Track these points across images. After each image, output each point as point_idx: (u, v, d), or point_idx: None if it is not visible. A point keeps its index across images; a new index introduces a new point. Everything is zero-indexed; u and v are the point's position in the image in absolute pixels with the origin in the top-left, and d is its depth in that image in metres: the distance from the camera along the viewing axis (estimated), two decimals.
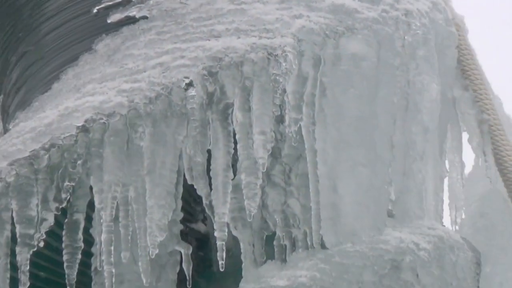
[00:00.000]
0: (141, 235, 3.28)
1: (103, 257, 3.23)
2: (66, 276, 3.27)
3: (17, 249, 3.11)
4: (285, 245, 3.47)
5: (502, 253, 3.69)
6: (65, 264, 3.29)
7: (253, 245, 3.43)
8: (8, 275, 3.20)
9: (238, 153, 3.28)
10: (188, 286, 3.43)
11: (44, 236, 3.20)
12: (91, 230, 3.41)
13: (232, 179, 3.33)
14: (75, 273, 3.23)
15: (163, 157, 3.17)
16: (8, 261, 3.16)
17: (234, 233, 3.52)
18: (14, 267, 3.24)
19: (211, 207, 3.34)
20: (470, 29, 4.50)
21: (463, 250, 3.60)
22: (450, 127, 3.78)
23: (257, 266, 3.40)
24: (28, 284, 3.17)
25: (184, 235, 3.53)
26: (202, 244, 3.67)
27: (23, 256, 3.06)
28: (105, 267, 3.19)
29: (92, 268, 3.52)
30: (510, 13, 15.64)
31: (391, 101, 3.58)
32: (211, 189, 3.34)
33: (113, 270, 3.22)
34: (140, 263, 3.25)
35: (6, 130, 3.81)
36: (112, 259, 3.18)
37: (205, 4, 3.62)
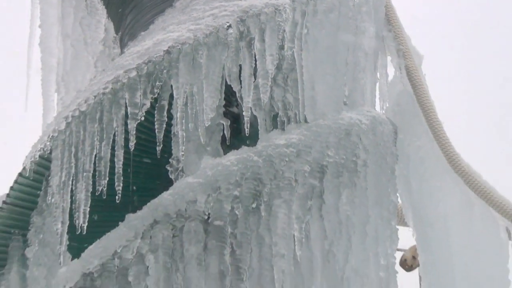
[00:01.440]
0: (200, 113, 4.30)
1: (177, 126, 4.35)
2: (156, 136, 4.30)
3: (128, 121, 4.26)
4: (284, 120, 4.43)
5: (410, 126, 4.75)
6: (156, 129, 4.33)
7: (265, 120, 4.39)
8: (123, 137, 4.27)
9: (257, 66, 4.36)
10: (227, 144, 4.44)
11: (143, 114, 4.30)
12: (171, 111, 4.37)
13: (254, 82, 4.38)
14: (162, 135, 4.29)
15: (213, 68, 4.35)
16: (123, 129, 4.31)
17: (254, 113, 4.38)
18: (127, 132, 4.28)
19: (241, 98, 4.38)
20: None
21: (387, 124, 4.51)
22: (380, 52, 4.84)
23: (267, 133, 4.35)
24: (135, 141, 4.27)
25: (225, 114, 4.48)
26: (235, 120, 4.58)
27: (132, 126, 4.25)
28: (179, 132, 4.31)
29: (172, 132, 4.39)
30: None
31: (347, 37, 4.70)
32: (241, 87, 4.38)
33: (184, 134, 4.31)
34: (199, 130, 4.29)
35: (122, 52, 4.85)
36: (183, 127, 4.29)
37: None
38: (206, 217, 4.02)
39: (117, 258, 3.93)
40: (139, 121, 4.30)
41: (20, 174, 4.43)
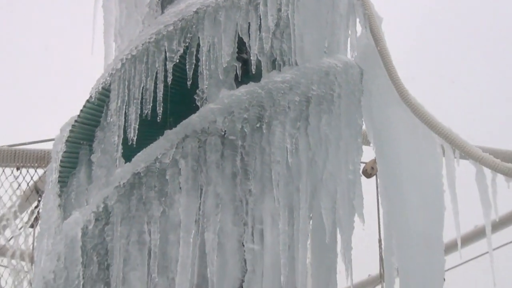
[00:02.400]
0: (219, 57, 4.36)
1: (203, 67, 4.39)
2: (187, 74, 4.38)
3: (167, 62, 4.36)
4: (280, 64, 4.46)
5: (372, 69, 4.71)
6: (187, 69, 4.42)
7: (267, 63, 4.44)
8: (163, 74, 4.35)
9: (261, 23, 4.41)
10: (239, 80, 4.44)
11: (178, 57, 4.38)
12: (198, 55, 4.36)
13: (258, 35, 4.42)
14: (191, 73, 4.39)
15: (229, 25, 4.38)
16: (163, 68, 4.37)
17: (259, 58, 4.42)
18: (166, 71, 4.37)
19: (249, 47, 4.43)
20: None
21: (356, 67, 4.53)
22: (351, 15, 4.84)
23: (268, 73, 4.39)
24: (171, 77, 4.35)
25: (237, 58, 4.47)
26: (245, 63, 4.51)
27: (169, 66, 4.34)
28: (204, 71, 4.38)
29: (198, 71, 4.41)
30: None
31: (327, 3, 4.75)
32: (249, 39, 4.43)
33: (207, 72, 4.39)
34: (219, 69, 4.34)
35: (162, 13, 4.85)
36: (207, 67, 4.36)
37: None
38: (223, 133, 4.09)
39: (157, 162, 4.03)
40: (174, 63, 4.38)
41: (87, 101, 4.56)
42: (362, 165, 6.09)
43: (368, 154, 5.47)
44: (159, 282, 3.90)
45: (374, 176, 6.95)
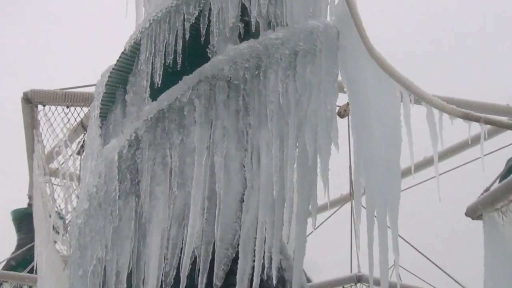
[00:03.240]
0: (226, 19, 4.31)
1: (213, 26, 4.30)
2: (200, 31, 4.34)
3: (185, 22, 4.29)
4: (274, 25, 4.39)
5: (346, 30, 4.58)
6: (201, 28, 4.37)
7: (264, 25, 4.36)
8: (182, 32, 4.29)
9: None
10: (241, 37, 4.36)
11: (194, 18, 4.31)
12: (210, 17, 4.31)
13: (257, 1, 4.33)
14: (205, 31, 4.33)
15: None
16: (182, 27, 4.30)
17: (258, 20, 4.34)
18: (184, 29, 4.30)
19: (250, 11, 4.35)
20: None
21: (334, 28, 4.42)
22: None
23: (265, 31, 4.33)
24: (189, 35, 4.28)
25: (241, 20, 4.39)
26: (246, 24, 4.40)
27: (187, 25, 4.30)
28: (214, 30, 4.30)
29: (210, 29, 4.34)
30: None
31: None
32: (250, 4, 4.35)
33: (217, 31, 4.31)
34: (226, 28, 4.32)
35: None
36: (217, 27, 4.30)
37: None
38: (228, 79, 4.05)
39: (177, 101, 4.04)
40: (191, 23, 4.35)
41: (122, 53, 4.52)
42: (337, 108, 5.98)
43: (342, 99, 5.38)
44: (178, 195, 3.94)
45: (346, 117, 6.88)
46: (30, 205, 8.00)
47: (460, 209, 5.59)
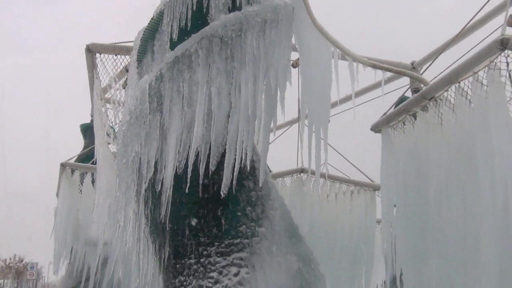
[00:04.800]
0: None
1: (212, 2, 4.05)
2: (204, 7, 4.07)
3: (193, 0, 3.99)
4: (251, 2, 4.13)
5: (297, 6, 4.36)
6: (204, 2, 4.06)
7: (244, 4, 4.11)
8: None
9: None
10: (229, 10, 4.10)
11: None
12: None
13: None
14: (206, 5, 4.08)
15: None
16: (191, 6, 4.04)
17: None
18: None
19: None
20: None
21: (290, 5, 4.19)
22: None
23: (245, 7, 4.07)
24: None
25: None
26: (234, 3, 4.15)
27: (194, 1, 4.07)
28: (213, 4, 4.06)
29: (209, 4, 4.08)
30: None
31: None
32: None
33: (214, 5, 4.06)
34: (220, 3, 4.05)
35: None
36: (215, 2, 4.04)
37: None
38: (221, 37, 3.93)
39: (187, 50, 3.95)
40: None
41: (151, 18, 4.39)
42: (292, 61, 5.91)
43: (295, 55, 5.15)
44: (187, 111, 3.87)
45: (297, 68, 6.77)
46: (91, 120, 7.94)
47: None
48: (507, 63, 3.21)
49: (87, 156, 8.83)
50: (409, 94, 6.09)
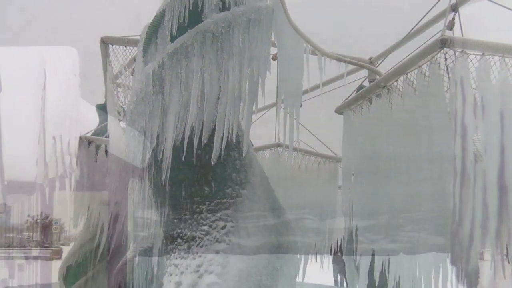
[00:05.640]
0: None
1: (206, 3, 3.89)
2: (199, 7, 3.91)
3: (190, 0, 3.85)
4: (239, 3, 3.95)
5: (277, 9, 4.18)
6: (199, 2, 3.90)
7: (233, 5, 3.94)
8: None
9: None
10: (220, 10, 3.92)
11: None
12: None
13: None
14: (201, 5, 3.92)
15: None
16: (189, 5, 3.87)
17: (230, 0, 3.91)
18: None
19: None
20: None
21: (270, 7, 4.05)
22: None
23: (234, 8, 3.93)
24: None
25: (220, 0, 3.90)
26: (224, 3, 3.97)
27: (191, 1, 3.90)
28: (207, 5, 3.89)
29: (204, 5, 3.91)
30: None
31: None
32: None
33: (207, 6, 3.91)
34: (213, 4, 3.87)
35: None
36: (209, 2, 3.87)
37: None
38: (213, 32, 3.85)
39: (185, 43, 3.86)
40: (194, 0, 3.98)
41: (155, 16, 4.23)
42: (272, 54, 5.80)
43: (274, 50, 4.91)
44: (184, 94, 3.80)
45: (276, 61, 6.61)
46: (105, 102, 7.80)
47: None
48: (445, 59, 3.31)
49: (101, 131, 8.70)
50: (366, 83, 6.00)
